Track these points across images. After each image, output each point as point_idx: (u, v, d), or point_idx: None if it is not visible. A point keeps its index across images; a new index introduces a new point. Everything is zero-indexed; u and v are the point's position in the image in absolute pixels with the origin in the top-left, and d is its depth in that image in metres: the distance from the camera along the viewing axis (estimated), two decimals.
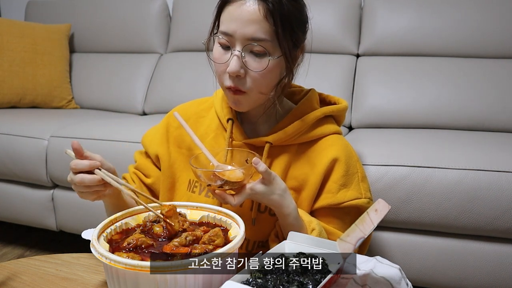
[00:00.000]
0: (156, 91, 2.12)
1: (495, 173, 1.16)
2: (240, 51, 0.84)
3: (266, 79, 0.86)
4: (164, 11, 2.28)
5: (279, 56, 0.85)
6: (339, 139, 0.97)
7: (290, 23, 0.84)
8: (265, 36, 0.83)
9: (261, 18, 0.82)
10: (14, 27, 2.15)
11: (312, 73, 1.05)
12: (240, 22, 0.83)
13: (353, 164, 0.95)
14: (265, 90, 0.89)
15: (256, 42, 0.83)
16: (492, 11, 1.76)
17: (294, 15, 0.85)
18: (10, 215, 1.78)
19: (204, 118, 1.04)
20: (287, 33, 0.84)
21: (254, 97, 0.89)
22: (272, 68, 0.85)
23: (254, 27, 0.82)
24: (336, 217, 0.94)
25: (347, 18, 1.94)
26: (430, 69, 1.77)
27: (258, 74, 0.85)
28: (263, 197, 0.83)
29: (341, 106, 1.00)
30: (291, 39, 0.86)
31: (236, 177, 0.81)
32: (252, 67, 0.84)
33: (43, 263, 0.86)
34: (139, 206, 0.82)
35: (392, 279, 0.64)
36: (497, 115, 1.63)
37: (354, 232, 0.59)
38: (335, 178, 0.93)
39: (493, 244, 1.20)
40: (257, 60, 0.84)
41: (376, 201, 0.67)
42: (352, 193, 0.93)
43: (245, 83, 0.86)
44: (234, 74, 0.85)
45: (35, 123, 1.79)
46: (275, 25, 0.82)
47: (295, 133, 0.93)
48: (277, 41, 0.84)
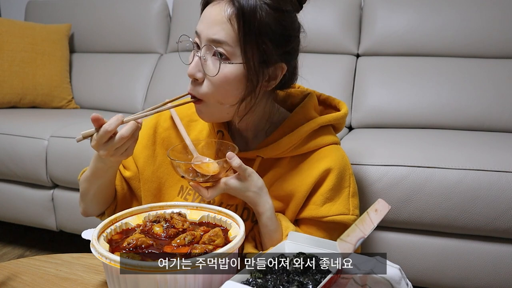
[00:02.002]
0: (156, 91, 2.12)
1: (495, 173, 1.16)
2: (204, 51, 0.80)
3: (221, 87, 0.80)
4: (164, 11, 2.28)
5: (239, 63, 0.79)
6: (335, 150, 0.91)
7: (259, 31, 0.77)
8: (226, 39, 0.77)
9: (225, 20, 0.77)
10: (14, 27, 2.15)
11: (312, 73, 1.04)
12: (207, 22, 0.80)
13: (346, 177, 0.90)
14: (223, 100, 0.82)
15: (216, 44, 0.78)
16: (492, 11, 1.76)
17: (267, 24, 0.77)
18: (10, 215, 1.78)
19: (196, 123, 1.00)
20: (253, 42, 0.77)
21: (213, 106, 0.83)
22: (229, 75, 0.79)
23: (216, 28, 0.78)
24: (317, 230, 0.89)
25: (347, 18, 1.94)
26: (430, 69, 1.77)
27: (214, 80, 0.79)
28: (237, 193, 0.82)
29: (339, 114, 0.94)
30: (257, 49, 0.78)
31: (212, 170, 0.80)
32: (208, 70, 0.80)
33: (43, 263, 0.86)
34: (139, 206, 0.82)
35: (392, 279, 0.64)
36: (497, 115, 1.63)
37: (354, 232, 0.59)
38: (323, 190, 0.88)
39: (493, 244, 1.20)
40: (216, 64, 0.79)
41: (376, 201, 0.67)
42: (337, 208, 0.88)
43: (201, 89, 0.82)
44: (191, 76, 0.82)
45: (35, 123, 1.79)
46: (239, 29, 0.76)
47: (287, 147, 0.88)
48: (239, 47, 0.78)
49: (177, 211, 0.82)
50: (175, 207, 0.83)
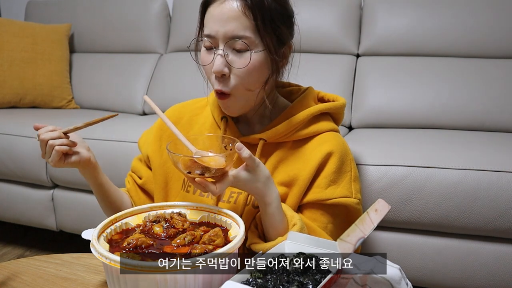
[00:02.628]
0: (156, 91, 2.12)
1: (495, 173, 1.16)
2: (223, 49, 0.83)
3: (250, 76, 0.85)
4: (164, 11, 2.28)
5: (262, 50, 0.84)
6: (335, 136, 0.95)
7: (271, 17, 0.84)
8: (245, 32, 0.82)
9: (240, 14, 0.82)
10: (14, 27, 2.15)
11: (312, 73, 1.05)
12: (220, 21, 0.83)
13: (347, 162, 0.94)
14: (251, 88, 0.87)
15: (237, 38, 0.82)
16: (492, 11, 1.76)
17: (275, 9, 0.84)
18: (10, 215, 1.78)
19: (198, 116, 1.04)
20: (269, 27, 0.84)
21: (241, 96, 0.88)
22: (256, 63, 0.84)
23: (234, 24, 0.82)
24: (321, 214, 0.92)
25: (347, 18, 1.94)
26: (430, 69, 1.77)
27: (242, 71, 0.84)
28: (246, 185, 0.80)
29: (337, 103, 0.99)
30: (274, 33, 0.85)
31: (217, 164, 0.76)
32: (236, 64, 0.84)
33: (43, 263, 0.86)
34: (139, 206, 0.82)
35: (392, 279, 0.64)
36: (497, 115, 1.63)
37: (354, 232, 0.59)
38: (326, 173, 0.91)
39: (493, 244, 1.20)
40: (240, 57, 0.84)
41: (376, 201, 0.67)
42: (341, 191, 0.91)
43: (229, 83, 0.85)
44: (219, 73, 0.84)
45: (35, 123, 1.78)
46: (255, 20, 0.82)
47: (289, 130, 0.93)
48: (259, 36, 0.83)
49: (177, 211, 0.82)
50: (175, 207, 0.83)
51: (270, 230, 0.85)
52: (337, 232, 0.94)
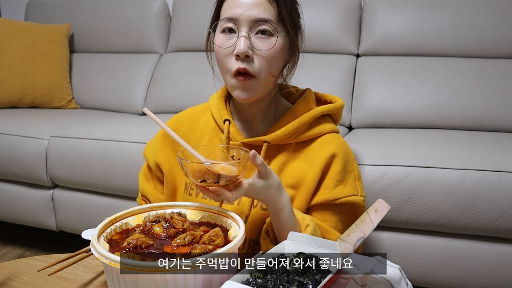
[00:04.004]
0: (156, 91, 2.12)
1: (495, 173, 1.16)
2: (247, 31, 0.86)
3: (273, 59, 0.88)
4: (164, 11, 2.28)
5: (284, 35, 0.89)
6: (337, 137, 0.98)
7: (291, 7, 0.89)
8: (270, 17, 0.86)
9: (265, 1, 0.86)
10: (14, 27, 2.15)
11: (312, 73, 1.05)
12: (244, 6, 0.86)
13: (350, 162, 0.96)
14: (275, 72, 0.91)
15: (262, 21, 0.86)
16: (492, 11, 1.76)
17: (291, 4, 0.91)
18: (10, 215, 1.78)
19: (199, 121, 1.04)
20: (289, 16, 0.89)
21: (264, 81, 0.89)
22: (279, 47, 0.88)
23: (259, 9, 0.86)
24: (331, 215, 0.94)
25: (347, 18, 1.94)
26: (430, 69, 1.77)
27: (266, 54, 0.87)
28: (260, 193, 0.80)
29: (337, 105, 1.01)
30: (292, 21, 0.90)
31: (228, 172, 0.75)
32: (260, 47, 0.87)
33: (43, 263, 0.86)
34: (139, 206, 0.82)
35: (392, 279, 0.64)
36: (497, 115, 1.63)
37: (354, 232, 0.59)
38: (332, 174, 0.93)
39: (493, 244, 1.20)
40: (264, 40, 0.87)
41: (376, 201, 0.67)
42: (348, 190, 0.94)
43: (254, 65, 0.87)
44: (243, 54, 0.85)
45: (35, 123, 1.79)
46: (279, 7, 0.87)
47: (293, 132, 0.94)
48: (281, 23, 0.88)
49: (177, 211, 0.82)
50: (175, 207, 0.83)
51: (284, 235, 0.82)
52: (345, 230, 0.93)
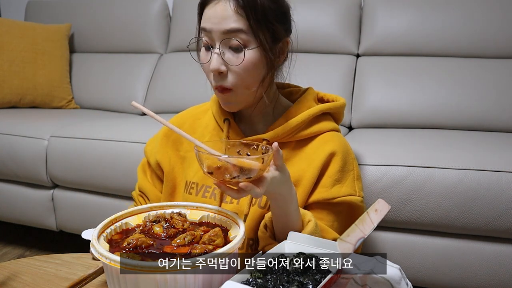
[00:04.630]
0: (156, 91, 2.12)
1: (495, 173, 1.16)
2: (219, 47, 0.85)
3: (248, 73, 0.87)
4: (164, 11, 2.28)
5: (256, 47, 0.86)
6: (337, 135, 0.97)
7: (264, 15, 0.85)
8: (241, 26, 0.84)
9: (233, 13, 0.84)
10: (14, 27, 2.15)
11: (312, 73, 1.05)
12: (214, 19, 0.85)
13: (349, 161, 0.96)
14: (250, 85, 0.89)
15: (231, 34, 0.84)
16: (492, 11, 1.76)
17: (269, 7, 0.86)
18: (10, 215, 1.78)
19: (201, 120, 1.05)
20: (263, 25, 0.85)
21: (241, 93, 0.89)
22: (251, 60, 0.86)
23: (227, 22, 0.84)
24: (327, 214, 0.93)
25: (347, 18, 1.94)
26: (430, 69, 1.77)
27: (239, 68, 0.86)
28: (278, 186, 0.76)
29: (338, 103, 1.01)
30: (267, 31, 0.86)
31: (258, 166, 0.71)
32: (232, 62, 0.86)
33: (43, 263, 0.86)
34: (139, 206, 0.82)
35: (392, 279, 0.64)
36: (497, 115, 1.63)
37: (354, 232, 0.59)
38: (330, 173, 0.93)
39: (493, 244, 1.20)
40: (235, 55, 0.86)
41: (376, 201, 0.67)
42: (346, 189, 0.93)
43: (228, 80, 0.87)
44: (215, 71, 0.86)
45: (35, 123, 1.79)
46: (248, 18, 0.84)
47: (292, 130, 0.94)
48: (252, 34, 0.85)
49: (177, 211, 0.82)
50: (175, 207, 0.83)
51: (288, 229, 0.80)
52: (341, 229, 0.95)
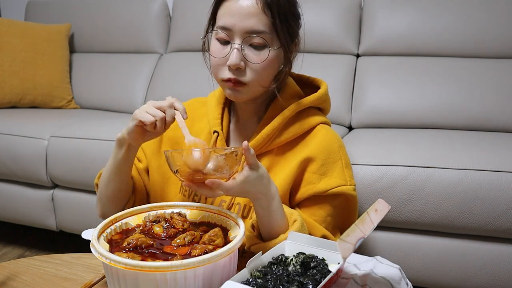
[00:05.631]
0: (156, 91, 2.12)
1: (495, 173, 1.16)
2: (240, 44, 0.85)
3: (265, 71, 0.87)
4: (164, 11, 2.28)
5: (278, 47, 0.87)
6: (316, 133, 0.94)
7: (285, 16, 0.87)
8: (264, 28, 0.85)
9: (259, 11, 0.84)
10: (14, 27, 2.15)
11: (312, 73, 1.04)
12: (238, 16, 0.84)
13: (334, 151, 0.93)
14: (265, 83, 0.90)
15: (256, 34, 0.84)
16: (492, 11, 1.76)
17: (289, 9, 0.88)
18: (10, 215, 1.78)
19: (199, 123, 1.04)
20: (284, 25, 0.87)
21: (254, 89, 0.89)
22: (272, 59, 0.87)
23: (253, 20, 0.84)
24: (320, 208, 0.91)
25: (347, 18, 1.94)
26: (430, 69, 1.77)
27: (258, 66, 0.86)
28: (254, 185, 0.76)
29: (319, 94, 0.96)
30: (288, 32, 0.88)
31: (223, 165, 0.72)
32: (252, 59, 0.86)
33: (43, 263, 0.86)
34: (139, 206, 0.82)
35: (392, 279, 0.64)
36: (497, 115, 1.63)
37: (354, 232, 0.59)
38: (313, 169, 0.91)
39: (493, 244, 1.20)
40: (257, 52, 0.86)
41: (376, 201, 0.67)
42: (335, 181, 0.91)
43: (245, 75, 0.87)
44: (234, 66, 0.85)
45: (35, 123, 1.79)
46: (273, 17, 0.84)
47: (268, 139, 0.92)
48: (276, 33, 0.86)
49: (177, 211, 0.82)
50: (175, 207, 0.83)
51: (273, 229, 0.82)
52: (338, 222, 0.94)
